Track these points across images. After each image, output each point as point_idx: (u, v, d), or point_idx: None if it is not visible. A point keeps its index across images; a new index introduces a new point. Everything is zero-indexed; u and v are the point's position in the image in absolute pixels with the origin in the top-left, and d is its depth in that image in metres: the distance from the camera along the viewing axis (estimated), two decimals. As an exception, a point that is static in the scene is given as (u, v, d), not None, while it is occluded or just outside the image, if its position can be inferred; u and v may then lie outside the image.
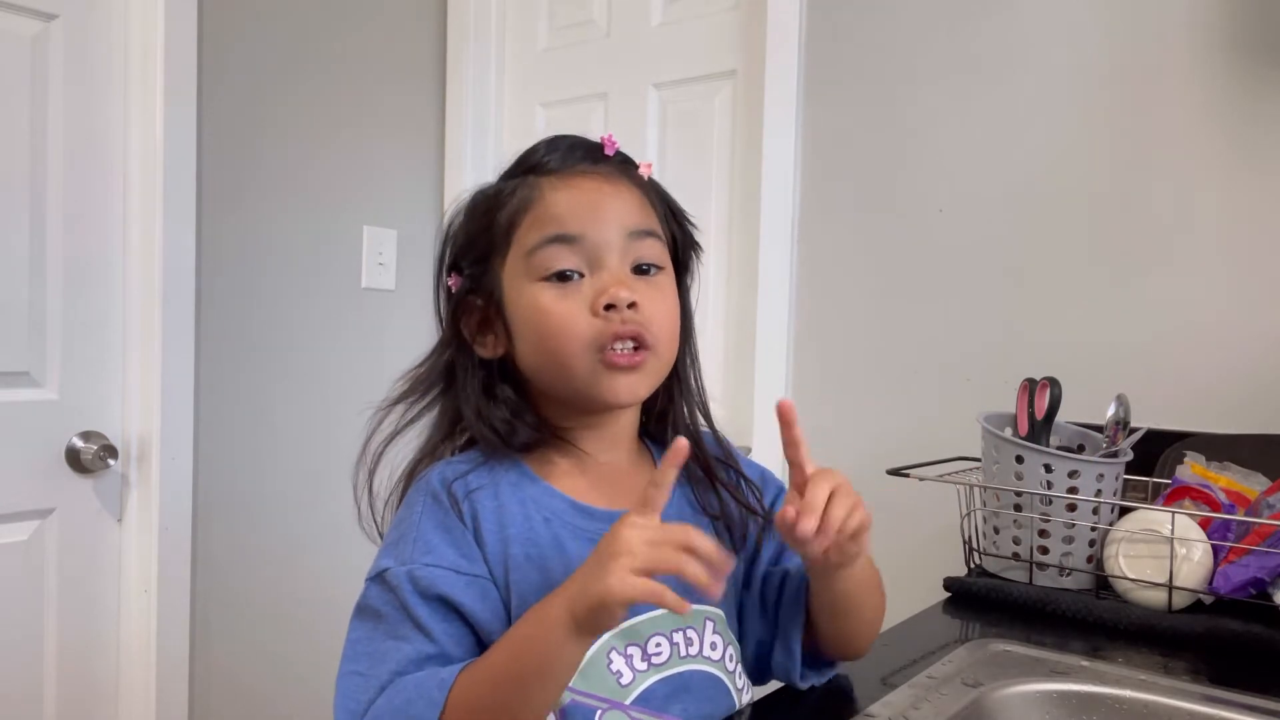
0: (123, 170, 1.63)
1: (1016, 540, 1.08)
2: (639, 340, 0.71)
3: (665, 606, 0.58)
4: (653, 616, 0.72)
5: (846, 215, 1.54)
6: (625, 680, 0.70)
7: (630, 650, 0.71)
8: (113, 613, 1.66)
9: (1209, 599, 0.98)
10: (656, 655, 0.72)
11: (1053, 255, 1.34)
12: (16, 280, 1.51)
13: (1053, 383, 1.11)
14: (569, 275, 0.71)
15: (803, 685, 0.78)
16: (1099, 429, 1.13)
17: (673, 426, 0.81)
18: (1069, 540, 1.06)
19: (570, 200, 0.72)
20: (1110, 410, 1.13)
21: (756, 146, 1.62)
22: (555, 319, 0.71)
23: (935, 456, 1.25)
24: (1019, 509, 1.07)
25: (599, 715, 0.68)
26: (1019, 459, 1.07)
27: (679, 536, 0.60)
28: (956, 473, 1.19)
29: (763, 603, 0.81)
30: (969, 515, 1.15)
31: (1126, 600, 1.01)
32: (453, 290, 0.77)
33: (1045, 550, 1.07)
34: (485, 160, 2.04)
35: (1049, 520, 1.06)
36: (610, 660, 0.70)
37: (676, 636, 0.73)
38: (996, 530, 1.11)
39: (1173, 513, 0.98)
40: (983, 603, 1.06)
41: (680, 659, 0.73)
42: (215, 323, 1.71)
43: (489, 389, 0.76)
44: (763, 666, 0.80)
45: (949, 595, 1.10)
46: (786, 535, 0.66)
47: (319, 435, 1.88)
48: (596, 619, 0.60)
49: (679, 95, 1.80)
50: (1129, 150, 1.29)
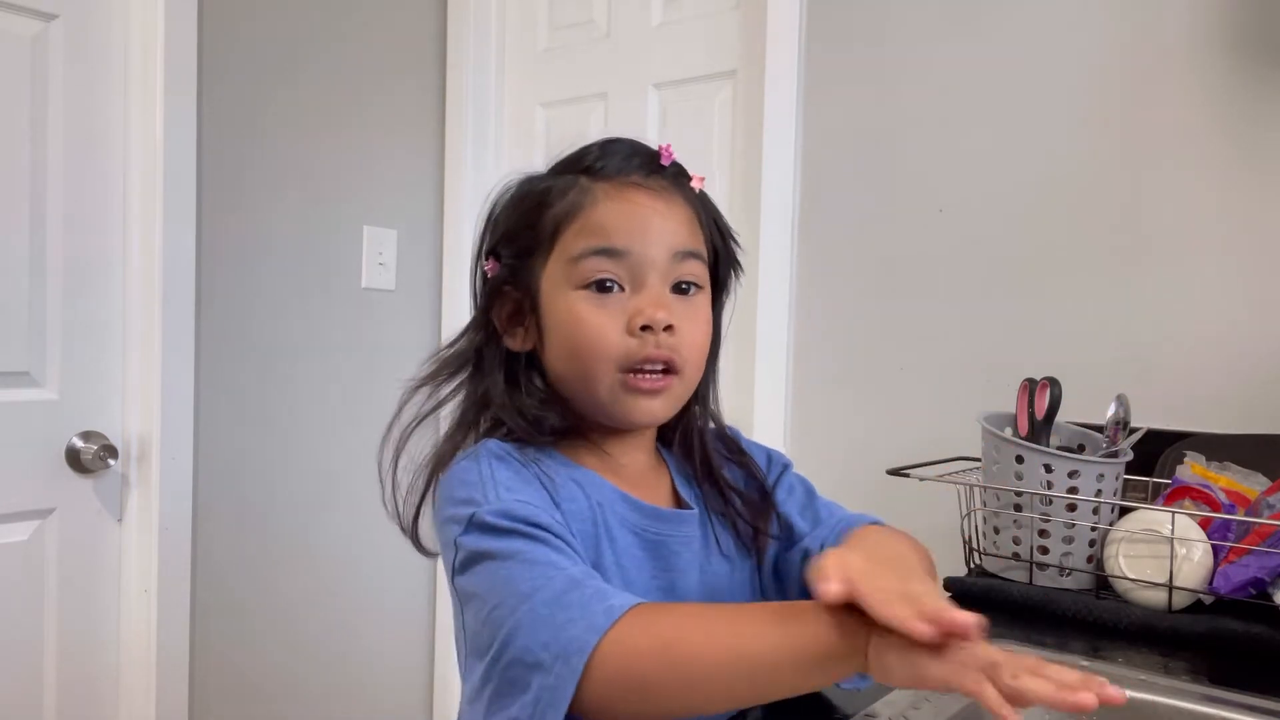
0: (123, 170, 1.63)
1: (1016, 540, 1.08)
2: (669, 365, 0.71)
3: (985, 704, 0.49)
4: None
5: (846, 215, 1.54)
6: None
7: None
8: (113, 613, 1.66)
9: (1209, 599, 0.98)
10: None
11: (1053, 255, 1.34)
12: (16, 280, 1.51)
13: (1053, 383, 1.11)
14: (609, 286, 0.71)
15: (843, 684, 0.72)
16: (1099, 429, 1.13)
17: (684, 433, 0.81)
18: (1069, 540, 1.06)
19: (621, 213, 0.72)
20: (1110, 410, 1.13)
21: (756, 146, 1.62)
22: (589, 330, 0.71)
23: (935, 456, 1.25)
24: (1019, 509, 1.07)
25: None
26: (1019, 459, 1.07)
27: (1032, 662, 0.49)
28: (956, 473, 1.19)
29: (784, 590, 0.80)
30: (969, 515, 1.15)
31: (1126, 600, 1.01)
32: (489, 275, 0.77)
33: (1045, 550, 1.07)
34: (485, 160, 2.04)
35: (1049, 520, 1.06)
36: None
37: None
38: (996, 530, 1.11)
39: (1173, 513, 0.98)
40: (983, 603, 1.06)
41: None
42: (215, 322, 1.71)
43: (514, 378, 0.76)
44: None
45: (949, 595, 1.10)
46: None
47: (319, 435, 1.88)
48: (890, 660, 0.52)
49: (679, 95, 1.80)
50: (1129, 150, 1.29)
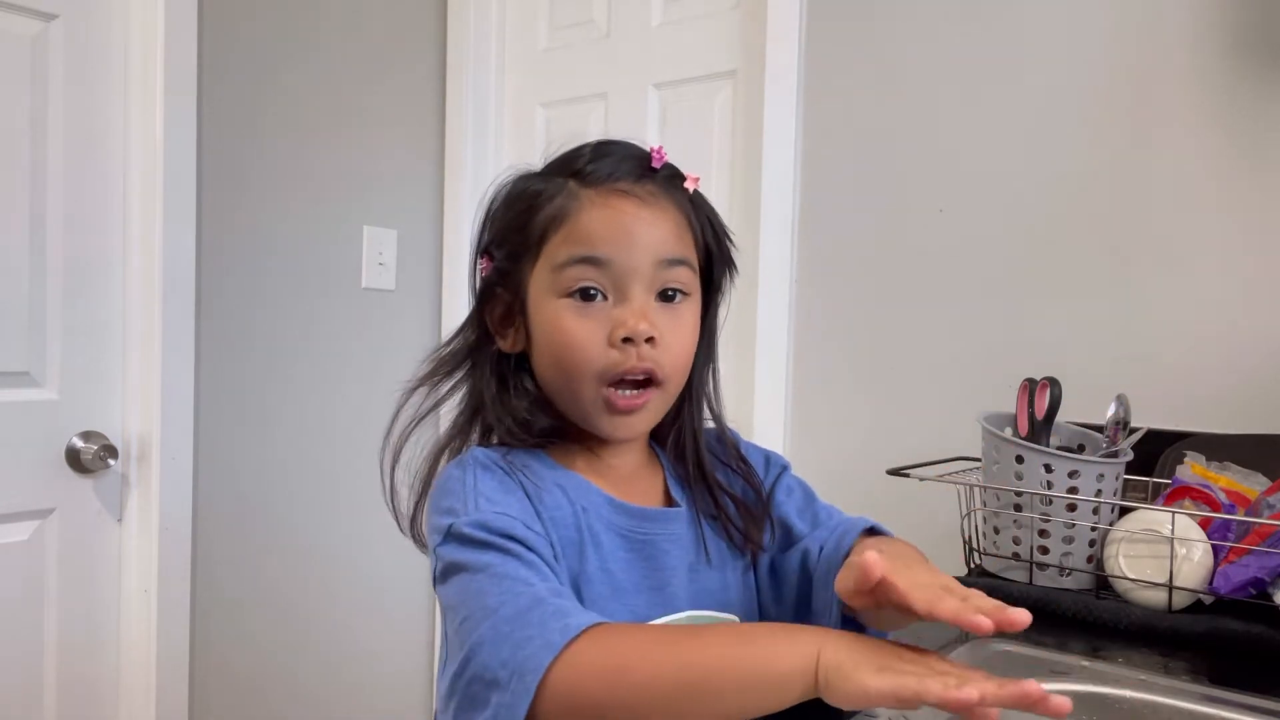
0: (123, 170, 1.63)
1: (1016, 540, 1.08)
2: (650, 376, 0.72)
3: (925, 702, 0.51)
4: (664, 623, 0.72)
5: (846, 215, 1.54)
6: None
7: None
8: (113, 613, 1.66)
9: (1209, 599, 0.98)
10: None
11: (1053, 255, 1.34)
12: (16, 280, 1.51)
13: (1053, 383, 1.11)
14: (592, 294, 0.71)
15: None
16: (1099, 429, 1.13)
17: (676, 436, 0.81)
18: (1069, 540, 1.06)
19: (605, 221, 0.71)
20: (1110, 410, 1.13)
21: (756, 146, 1.62)
22: (571, 340, 0.71)
23: (935, 456, 1.25)
24: (1019, 509, 1.07)
25: None
26: (1019, 459, 1.07)
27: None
28: (956, 473, 1.19)
29: (779, 590, 0.80)
30: (969, 515, 1.15)
31: (1127, 600, 1.01)
32: (483, 274, 0.78)
33: (1045, 550, 1.07)
34: (485, 160, 2.04)
35: (1049, 520, 1.06)
36: None
37: None
38: (996, 530, 1.11)
39: (1173, 513, 0.98)
40: (983, 603, 1.06)
41: None
42: (215, 322, 1.71)
43: (505, 379, 0.76)
44: None
45: (949, 595, 1.10)
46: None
47: (319, 435, 1.88)
48: (837, 682, 0.53)
49: (679, 95, 1.80)
50: (1129, 150, 1.29)
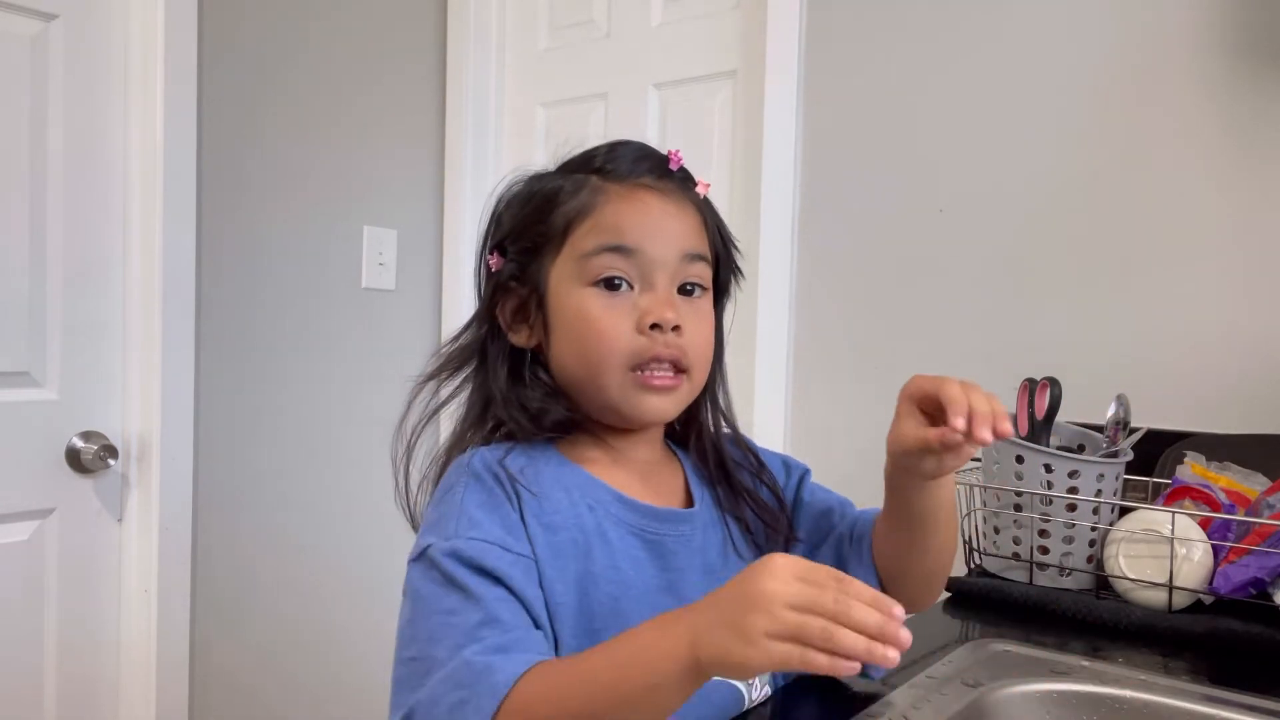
0: (123, 170, 1.63)
1: (1016, 540, 1.08)
2: (676, 364, 0.73)
3: (815, 671, 0.51)
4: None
5: (846, 215, 1.54)
6: None
7: None
8: (113, 613, 1.66)
9: (1209, 599, 0.98)
10: None
11: (1053, 255, 1.34)
12: (16, 280, 1.51)
13: (1053, 383, 1.11)
14: (618, 284, 0.72)
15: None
16: (1099, 429, 1.13)
17: (696, 434, 0.83)
18: (1069, 540, 1.06)
19: (633, 213, 0.73)
20: (1110, 410, 1.13)
21: (756, 146, 1.62)
22: (598, 327, 0.72)
23: (935, 456, 1.25)
24: (1019, 509, 1.07)
25: None
26: (1019, 459, 1.07)
27: (829, 603, 0.50)
28: (956, 472, 1.19)
29: None
30: (969, 515, 1.15)
31: (1127, 600, 1.01)
32: (494, 270, 0.77)
33: (1045, 550, 1.07)
34: (485, 160, 2.04)
35: (1049, 520, 1.06)
36: None
37: None
38: (996, 530, 1.11)
39: (1173, 513, 0.98)
40: (983, 603, 1.06)
41: None
42: (215, 322, 1.71)
43: (517, 373, 0.77)
44: None
45: (949, 595, 1.10)
46: (938, 443, 0.66)
47: (319, 435, 1.88)
48: (724, 671, 0.55)
49: (679, 95, 1.80)
50: (1129, 150, 1.29)
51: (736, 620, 0.52)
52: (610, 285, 0.72)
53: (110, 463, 1.60)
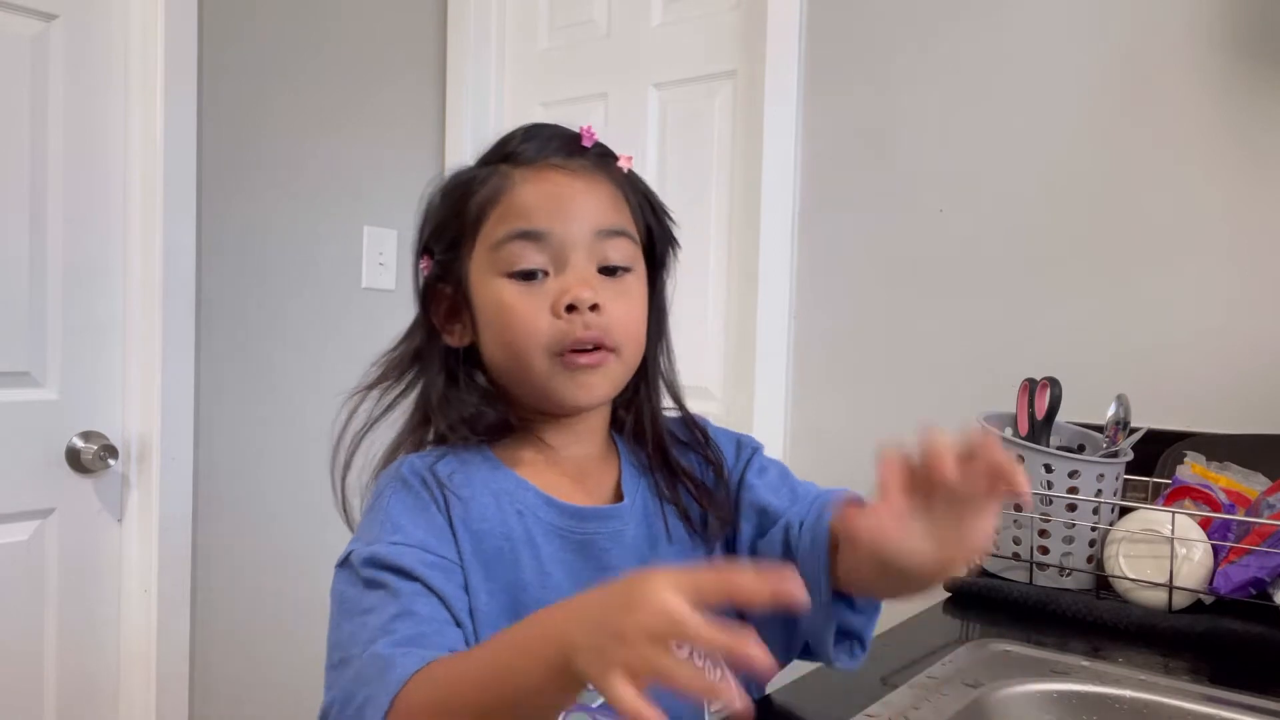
0: (123, 170, 1.63)
1: (1017, 540, 1.08)
2: (600, 345, 0.70)
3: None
4: None
5: (846, 215, 1.54)
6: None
7: None
8: (113, 613, 1.66)
9: (1209, 599, 0.98)
10: None
11: (1053, 255, 1.34)
12: (16, 280, 1.51)
13: (1053, 383, 1.11)
14: (533, 273, 0.70)
15: (835, 663, 0.69)
16: (1099, 429, 1.14)
17: (635, 417, 0.79)
18: (1069, 540, 1.06)
19: (539, 194, 0.71)
20: (1110, 410, 1.13)
21: (756, 146, 1.62)
22: (516, 317, 0.70)
23: (935, 456, 1.25)
24: (1019, 509, 1.07)
25: (562, 718, 0.65)
26: (1019, 459, 1.07)
27: (695, 637, 0.47)
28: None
29: None
30: (969, 515, 1.15)
31: (1127, 600, 1.01)
32: (424, 274, 0.76)
33: (1045, 550, 1.07)
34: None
35: (1049, 520, 1.06)
36: None
37: None
38: (997, 530, 1.11)
39: (1173, 513, 0.98)
40: (983, 603, 1.06)
41: None
42: (215, 322, 1.71)
43: (454, 376, 0.75)
44: (789, 641, 0.72)
45: (949, 595, 1.10)
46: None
47: (319, 435, 1.87)
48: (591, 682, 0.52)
49: (679, 95, 1.80)
50: (1129, 150, 1.29)
51: (600, 643, 0.48)
52: (526, 276, 0.70)
53: (110, 463, 1.60)
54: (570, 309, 0.69)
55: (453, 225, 0.74)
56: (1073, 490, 1.04)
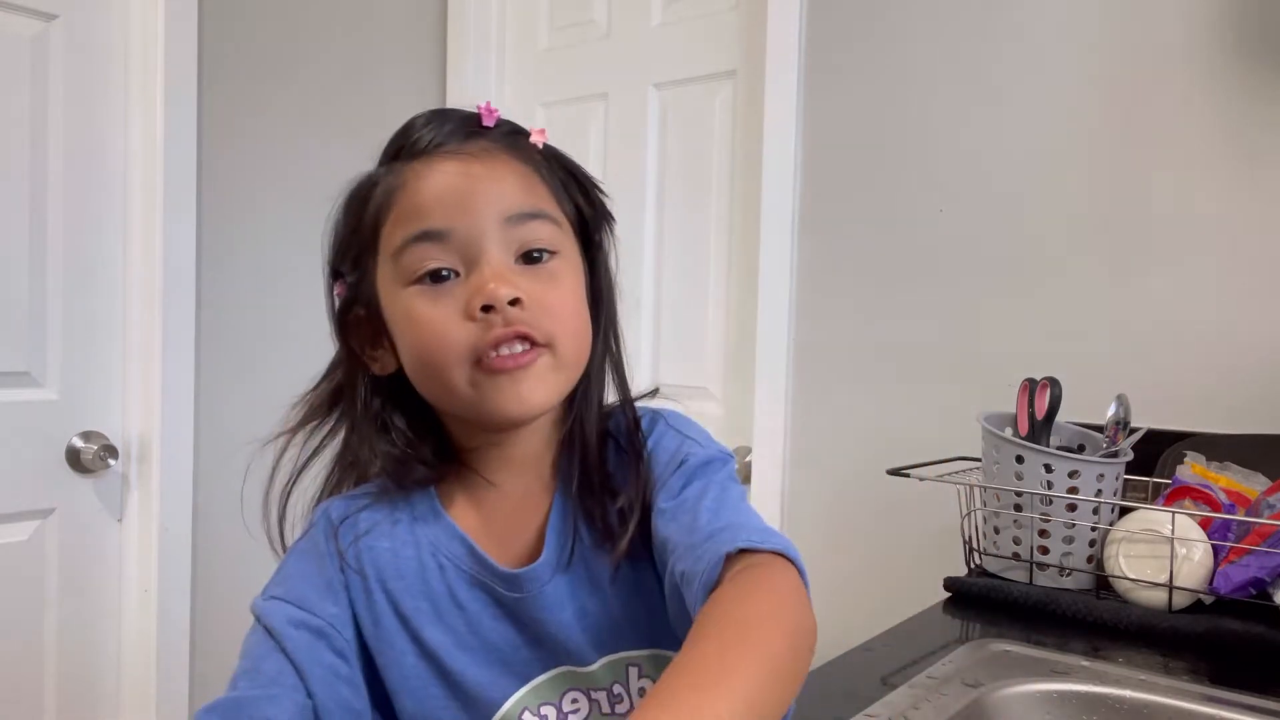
0: (123, 170, 1.63)
1: (1016, 540, 1.08)
2: (528, 339, 0.61)
3: None
4: (561, 673, 0.65)
5: (847, 215, 1.54)
6: None
7: (545, 710, 0.64)
8: (113, 613, 1.66)
9: (1209, 599, 0.98)
10: (574, 713, 0.64)
11: (1053, 255, 1.34)
12: (16, 280, 1.51)
13: (1053, 383, 1.11)
14: (443, 275, 0.61)
15: None
16: (1099, 429, 1.13)
17: (569, 430, 0.68)
18: (1069, 540, 1.06)
19: (435, 188, 0.62)
20: (1110, 410, 1.13)
21: (756, 146, 1.62)
22: (427, 328, 0.61)
23: (935, 456, 1.25)
24: (1019, 509, 1.07)
25: None
26: (1019, 459, 1.07)
27: None
28: (956, 473, 1.19)
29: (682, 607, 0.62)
30: (969, 515, 1.15)
31: (1126, 600, 1.01)
32: (338, 299, 0.68)
33: (1045, 550, 1.07)
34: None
35: (1049, 520, 1.06)
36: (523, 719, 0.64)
37: (596, 694, 0.65)
38: (996, 530, 1.11)
39: (1173, 513, 0.98)
40: (983, 603, 1.06)
41: (603, 715, 0.65)
42: (215, 322, 1.71)
43: (380, 416, 0.67)
44: None
45: (949, 595, 1.10)
46: None
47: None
48: None
49: (679, 95, 1.80)
50: (1129, 150, 1.29)
51: None
52: (435, 278, 0.61)
53: (110, 463, 1.60)
54: (487, 309, 0.60)
55: (353, 239, 0.66)
56: (1073, 490, 1.04)
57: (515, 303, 0.60)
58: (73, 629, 1.60)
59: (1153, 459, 1.15)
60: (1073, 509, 1.05)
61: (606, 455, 0.68)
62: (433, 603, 0.64)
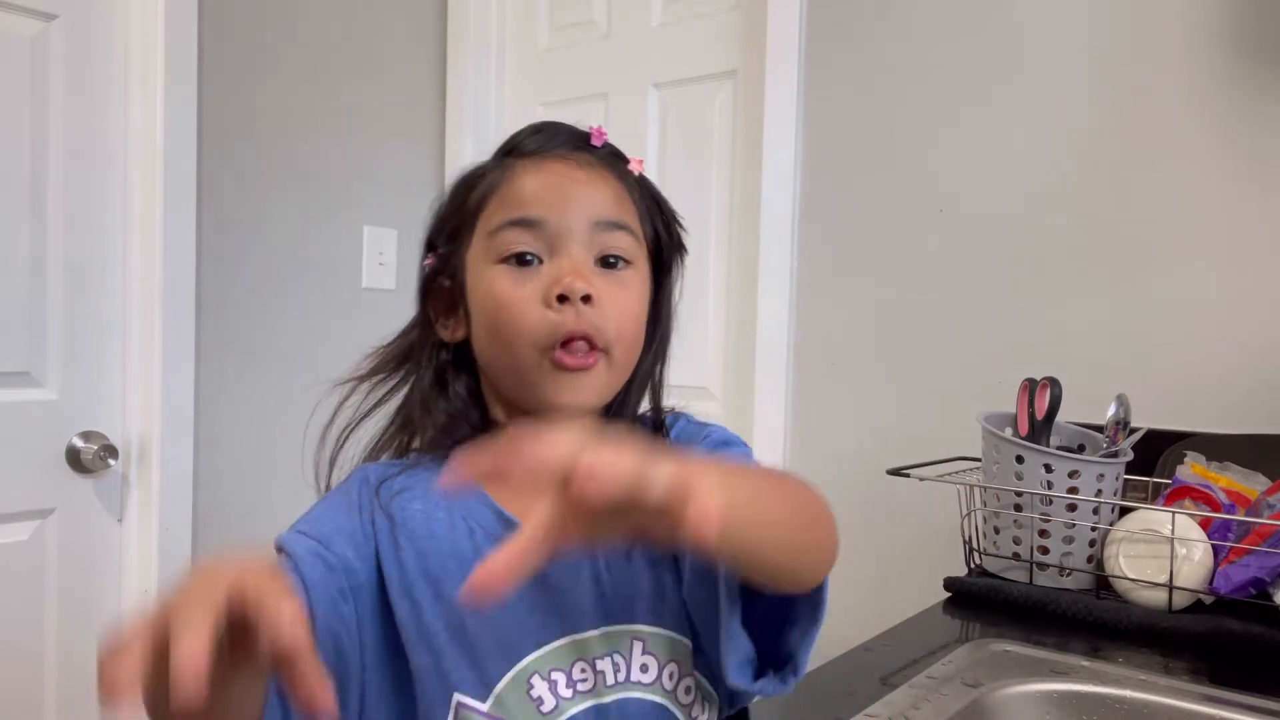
0: (123, 170, 1.63)
1: (1016, 540, 1.08)
2: (590, 341, 0.66)
3: None
4: (573, 641, 0.66)
5: (846, 215, 1.54)
6: (547, 707, 0.64)
7: (554, 675, 0.65)
8: (113, 613, 1.66)
9: (1209, 599, 0.98)
10: (582, 681, 0.66)
11: (1053, 255, 1.34)
12: (16, 280, 1.51)
13: (1053, 383, 1.11)
14: (528, 259, 0.67)
15: (739, 683, 0.62)
16: (1099, 429, 1.14)
17: (612, 419, 0.74)
18: (1069, 540, 1.06)
19: (538, 183, 0.69)
20: (1110, 410, 1.13)
21: (756, 146, 1.62)
22: (507, 305, 0.67)
23: (935, 456, 1.25)
24: (1019, 509, 1.07)
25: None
26: (1019, 459, 1.07)
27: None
28: (956, 473, 1.19)
29: (708, 590, 0.65)
30: (969, 515, 1.15)
31: (1127, 600, 1.01)
32: (427, 268, 0.75)
33: (1045, 550, 1.07)
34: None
35: (1049, 520, 1.06)
36: (531, 685, 0.65)
37: (601, 664, 0.66)
38: (997, 530, 1.11)
39: (1173, 513, 0.98)
40: (983, 603, 1.06)
41: (609, 687, 0.66)
42: (215, 322, 1.71)
43: (442, 377, 0.74)
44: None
45: (949, 595, 1.10)
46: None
47: (319, 434, 1.87)
48: None
49: (679, 95, 1.80)
50: (1129, 150, 1.29)
51: None
52: (520, 261, 0.67)
53: (110, 463, 1.60)
54: (562, 299, 0.65)
55: (454, 218, 0.73)
56: (1073, 490, 1.04)
57: (587, 299, 0.66)
58: (73, 629, 1.60)
59: (1153, 459, 1.15)
60: (1073, 509, 1.05)
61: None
62: (460, 562, 0.66)
